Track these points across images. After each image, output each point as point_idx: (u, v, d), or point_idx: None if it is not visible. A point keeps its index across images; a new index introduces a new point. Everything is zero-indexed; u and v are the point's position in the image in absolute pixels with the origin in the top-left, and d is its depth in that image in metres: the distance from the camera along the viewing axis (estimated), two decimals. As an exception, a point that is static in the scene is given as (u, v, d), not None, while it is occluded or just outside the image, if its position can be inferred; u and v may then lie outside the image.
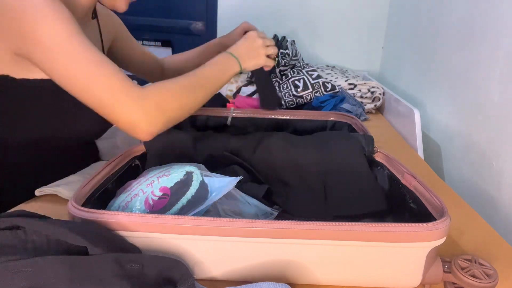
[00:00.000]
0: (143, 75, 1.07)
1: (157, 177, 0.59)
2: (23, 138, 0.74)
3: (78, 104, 0.64)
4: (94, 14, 0.86)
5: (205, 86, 0.70)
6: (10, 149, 0.75)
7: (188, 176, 0.59)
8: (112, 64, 0.63)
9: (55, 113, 0.74)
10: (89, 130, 0.82)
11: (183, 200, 0.56)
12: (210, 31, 2.11)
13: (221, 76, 0.74)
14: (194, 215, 0.55)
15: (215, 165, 0.72)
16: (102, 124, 0.65)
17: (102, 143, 0.99)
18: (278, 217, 0.65)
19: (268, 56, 0.82)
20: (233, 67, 0.76)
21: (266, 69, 0.85)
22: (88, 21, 0.83)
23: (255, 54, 0.79)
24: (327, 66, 1.87)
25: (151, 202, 0.56)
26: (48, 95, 0.71)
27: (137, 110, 0.60)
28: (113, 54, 0.96)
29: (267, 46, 0.81)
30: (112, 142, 1.00)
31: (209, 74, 0.72)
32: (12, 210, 0.64)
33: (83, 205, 0.52)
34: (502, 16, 0.92)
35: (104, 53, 0.89)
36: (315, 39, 2.01)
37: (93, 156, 0.92)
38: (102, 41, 0.89)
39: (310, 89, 1.37)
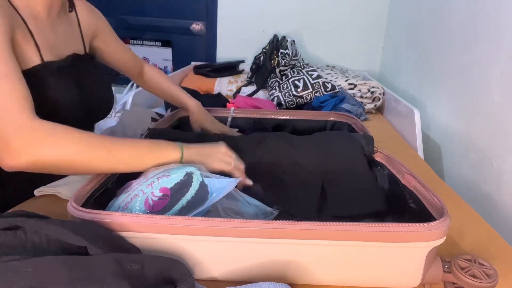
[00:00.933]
0: (122, 72, 1.06)
1: (157, 178, 0.59)
2: None
3: (58, 99, 0.63)
4: (71, 8, 0.85)
5: (121, 155, 0.61)
6: None
7: (188, 177, 0.59)
8: (17, 83, 0.60)
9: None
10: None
11: (183, 201, 0.56)
12: (210, 31, 2.11)
13: (149, 156, 0.63)
14: (194, 215, 0.55)
15: None
16: (85, 123, 0.63)
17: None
18: (278, 217, 0.65)
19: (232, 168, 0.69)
20: (171, 155, 0.64)
21: (239, 177, 0.67)
22: (63, 13, 0.83)
23: (209, 153, 0.67)
24: (327, 66, 1.87)
25: (151, 202, 0.56)
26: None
27: (6, 136, 0.56)
28: (95, 49, 0.96)
29: (230, 157, 0.69)
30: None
31: (136, 146, 0.63)
32: (12, 210, 0.65)
33: (83, 205, 0.52)
34: (502, 16, 0.92)
35: (84, 45, 0.89)
36: (315, 39, 2.02)
37: None
38: (81, 33, 0.88)
39: (310, 89, 1.37)
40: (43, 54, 0.73)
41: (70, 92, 0.77)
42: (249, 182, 0.69)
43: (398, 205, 0.65)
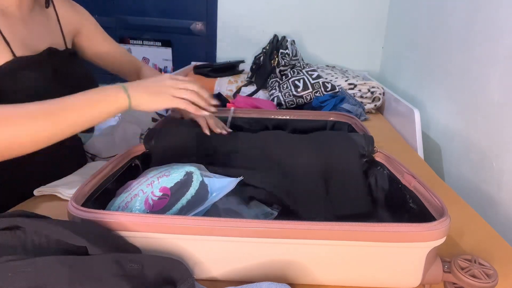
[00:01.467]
0: (118, 74, 1.03)
1: (157, 177, 0.59)
2: None
3: (34, 93, 0.64)
4: (48, 3, 0.84)
5: (65, 116, 0.58)
6: None
7: (188, 176, 0.59)
8: None
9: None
10: None
11: (183, 201, 0.57)
12: (210, 31, 2.11)
13: (95, 105, 0.60)
14: (194, 215, 0.55)
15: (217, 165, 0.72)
16: None
17: (100, 141, 0.99)
18: (278, 217, 0.65)
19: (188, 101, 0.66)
20: (116, 99, 0.61)
21: (194, 113, 0.66)
22: (39, 8, 0.82)
23: (157, 91, 0.63)
24: (327, 66, 1.87)
25: (151, 202, 0.56)
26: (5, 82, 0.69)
27: None
28: (80, 47, 0.94)
29: (180, 88, 0.65)
30: (110, 139, 1.00)
31: (77, 103, 0.60)
32: (12, 210, 0.65)
33: (83, 205, 0.52)
34: (502, 16, 0.92)
35: (65, 41, 0.88)
36: (315, 39, 2.01)
37: (77, 147, 0.92)
38: (61, 29, 0.87)
39: (310, 89, 1.37)
40: (14, 49, 0.72)
41: (46, 85, 0.77)
42: (205, 128, 0.68)
43: (398, 205, 0.65)
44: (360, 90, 1.48)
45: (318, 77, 1.40)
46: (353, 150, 0.73)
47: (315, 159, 0.73)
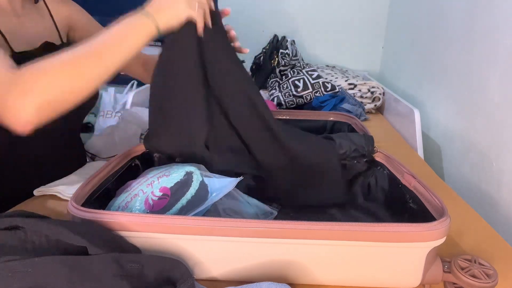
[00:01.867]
0: (124, 71, 1.02)
1: (157, 177, 0.59)
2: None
3: None
4: None
5: (101, 55, 0.59)
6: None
7: (188, 176, 0.59)
8: None
9: None
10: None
11: (183, 201, 0.57)
12: (210, 31, 2.11)
13: (125, 38, 0.61)
14: (194, 215, 0.55)
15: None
16: (70, 114, 0.60)
17: (100, 140, 0.99)
18: (278, 217, 0.65)
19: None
20: (143, 24, 0.62)
21: (199, 26, 0.66)
22: (30, 4, 0.81)
23: (171, 3, 0.64)
24: (327, 66, 1.87)
25: (151, 202, 0.56)
26: None
27: (3, 101, 0.54)
28: (74, 42, 0.93)
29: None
30: (110, 139, 1.00)
31: (107, 38, 0.61)
32: (12, 210, 0.65)
33: (83, 205, 0.52)
34: (502, 16, 0.92)
35: (60, 36, 0.87)
36: (315, 39, 2.01)
37: (77, 147, 0.92)
38: (55, 24, 0.86)
39: (310, 89, 1.37)
40: (13, 45, 0.72)
41: None
42: (200, 30, 0.67)
43: (398, 205, 0.65)
44: (360, 90, 1.48)
45: (318, 77, 1.40)
46: (330, 148, 0.74)
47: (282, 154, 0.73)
